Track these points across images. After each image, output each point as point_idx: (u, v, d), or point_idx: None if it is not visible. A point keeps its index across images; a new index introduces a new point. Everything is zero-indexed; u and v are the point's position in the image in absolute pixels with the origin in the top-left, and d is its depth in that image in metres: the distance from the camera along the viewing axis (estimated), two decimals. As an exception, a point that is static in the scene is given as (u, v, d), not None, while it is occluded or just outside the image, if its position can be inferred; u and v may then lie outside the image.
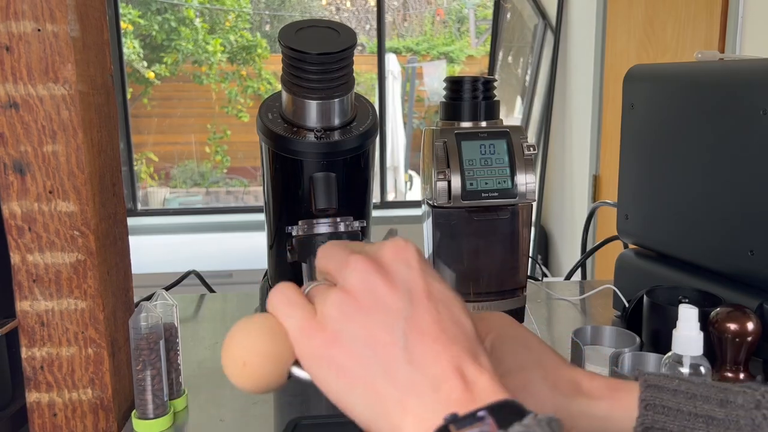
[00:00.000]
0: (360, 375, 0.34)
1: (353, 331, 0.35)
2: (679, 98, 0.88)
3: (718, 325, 0.69)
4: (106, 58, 0.71)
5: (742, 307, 0.70)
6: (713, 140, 0.82)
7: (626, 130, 0.98)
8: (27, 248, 0.65)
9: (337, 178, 0.83)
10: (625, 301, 0.97)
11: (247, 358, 0.37)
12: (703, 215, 0.84)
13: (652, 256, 0.96)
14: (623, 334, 0.79)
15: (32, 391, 0.68)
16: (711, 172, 0.83)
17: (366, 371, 0.34)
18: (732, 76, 0.82)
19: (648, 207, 0.95)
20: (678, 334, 0.60)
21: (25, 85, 0.62)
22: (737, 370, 0.70)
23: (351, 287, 0.35)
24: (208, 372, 0.85)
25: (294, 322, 0.36)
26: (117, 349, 0.70)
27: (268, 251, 0.96)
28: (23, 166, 0.63)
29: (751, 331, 0.68)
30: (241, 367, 0.37)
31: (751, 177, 0.77)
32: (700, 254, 0.85)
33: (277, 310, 0.37)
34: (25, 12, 0.61)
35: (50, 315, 0.66)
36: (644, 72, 0.96)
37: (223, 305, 1.13)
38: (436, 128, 0.92)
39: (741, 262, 0.79)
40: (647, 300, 0.83)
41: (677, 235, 0.89)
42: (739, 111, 0.78)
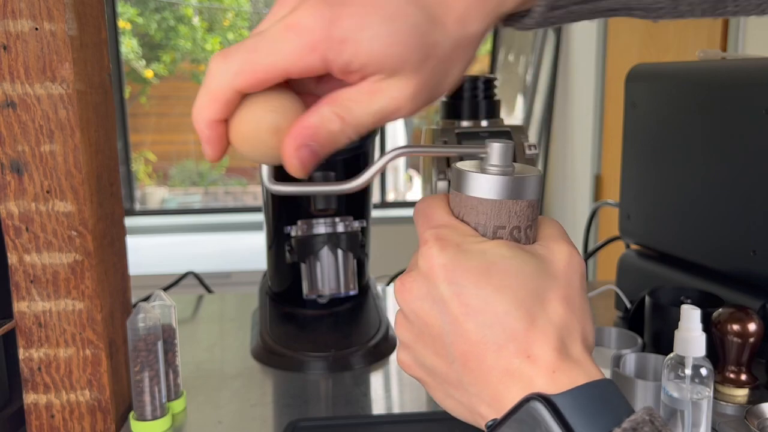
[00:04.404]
0: (434, 387, 0.37)
1: (419, 350, 0.37)
2: (682, 97, 0.88)
3: (720, 326, 0.69)
4: (103, 57, 0.70)
5: (744, 307, 0.69)
6: (715, 140, 0.81)
7: (628, 129, 0.98)
8: (24, 248, 0.64)
9: (336, 177, 0.82)
10: (627, 301, 0.96)
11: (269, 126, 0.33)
12: (706, 215, 0.84)
13: (655, 257, 0.95)
14: (625, 335, 0.79)
15: (30, 393, 0.67)
16: (713, 172, 0.82)
17: (438, 388, 0.37)
18: (734, 75, 0.81)
19: (650, 207, 0.95)
20: (680, 335, 0.59)
21: (23, 84, 0.61)
22: (740, 371, 0.69)
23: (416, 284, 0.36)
24: (206, 373, 0.84)
25: (404, 273, 0.37)
26: (115, 350, 0.70)
27: (267, 251, 0.96)
28: (20, 165, 0.63)
29: (753, 331, 0.68)
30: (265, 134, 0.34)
31: (753, 177, 0.76)
32: (703, 254, 0.85)
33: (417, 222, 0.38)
34: (23, 10, 0.60)
35: (48, 316, 0.66)
36: (646, 71, 0.96)
37: (222, 306, 1.12)
38: (437, 128, 0.91)
39: (743, 262, 0.78)
40: (649, 301, 0.82)
41: (679, 235, 0.89)
42: (742, 110, 0.78)
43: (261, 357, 0.88)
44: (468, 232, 0.36)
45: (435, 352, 0.36)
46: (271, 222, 0.92)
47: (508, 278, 0.34)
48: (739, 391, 0.69)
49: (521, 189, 0.36)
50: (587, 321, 0.36)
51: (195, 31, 4.63)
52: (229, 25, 4.70)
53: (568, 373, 0.32)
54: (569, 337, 0.34)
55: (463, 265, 0.34)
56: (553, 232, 0.38)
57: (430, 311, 0.35)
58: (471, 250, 0.35)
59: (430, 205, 0.38)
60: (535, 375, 0.32)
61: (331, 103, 0.33)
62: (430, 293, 0.35)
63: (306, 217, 0.85)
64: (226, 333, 0.99)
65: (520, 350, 0.33)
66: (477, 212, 0.37)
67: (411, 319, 0.36)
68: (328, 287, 0.86)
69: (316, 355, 0.85)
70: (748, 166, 0.77)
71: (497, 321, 0.33)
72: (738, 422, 0.66)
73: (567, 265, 0.36)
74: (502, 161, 0.37)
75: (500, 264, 0.34)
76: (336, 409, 0.76)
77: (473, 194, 0.37)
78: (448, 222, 0.37)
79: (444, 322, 0.34)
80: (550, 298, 0.34)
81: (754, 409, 0.64)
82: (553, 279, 0.35)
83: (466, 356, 0.34)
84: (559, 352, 0.33)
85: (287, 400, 0.79)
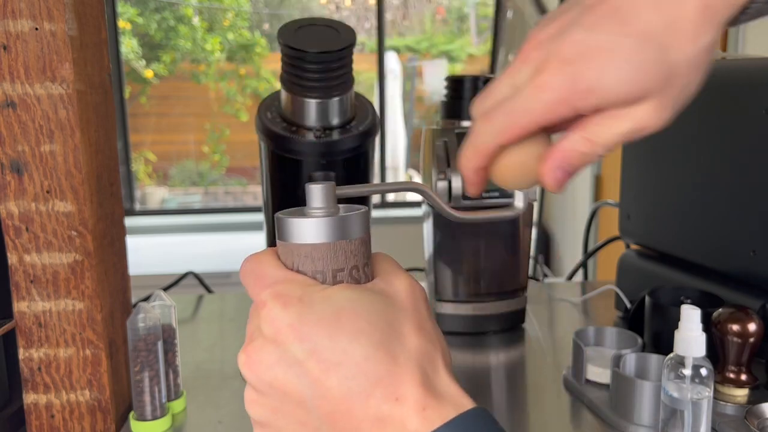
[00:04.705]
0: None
1: (280, 425, 0.34)
2: (681, 97, 0.88)
3: (720, 326, 0.69)
4: (104, 57, 0.70)
5: (744, 307, 0.69)
6: (715, 140, 0.81)
7: (627, 129, 0.98)
8: (24, 248, 0.64)
9: (336, 177, 0.82)
10: (627, 301, 0.96)
11: None
12: (706, 215, 0.84)
13: (655, 257, 0.96)
14: (625, 335, 0.79)
15: (30, 393, 0.67)
16: (713, 172, 0.82)
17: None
18: (734, 75, 0.81)
19: (650, 207, 0.95)
20: (680, 335, 0.59)
21: (23, 84, 0.61)
22: (739, 371, 0.69)
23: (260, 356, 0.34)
24: (206, 373, 0.84)
25: (246, 343, 0.35)
26: (115, 350, 0.70)
27: (267, 251, 0.96)
28: (20, 165, 0.63)
29: (753, 332, 0.68)
30: None
31: (753, 177, 0.76)
32: (703, 254, 0.85)
33: (245, 282, 0.37)
34: (23, 10, 0.60)
35: (48, 316, 0.66)
36: (646, 71, 0.96)
37: (222, 306, 1.13)
38: (437, 128, 0.91)
39: (743, 262, 0.78)
40: (649, 301, 0.82)
41: (679, 235, 0.89)
42: (742, 110, 0.78)
43: (261, 357, 0.88)
44: (307, 282, 0.35)
45: (298, 421, 0.33)
46: (271, 222, 0.91)
47: (359, 321, 0.32)
48: (739, 391, 0.69)
49: (352, 226, 0.36)
50: (442, 343, 0.35)
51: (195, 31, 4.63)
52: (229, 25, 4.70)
53: (438, 410, 0.31)
54: (431, 367, 0.33)
55: (311, 318, 0.32)
56: (388, 267, 0.38)
57: (286, 377, 0.33)
58: (315, 301, 0.33)
59: (259, 263, 0.36)
60: (406, 417, 0.31)
61: (580, 130, 0.36)
62: (282, 358, 0.33)
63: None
64: (226, 333, 0.99)
65: (388, 394, 0.31)
66: (313, 259, 0.35)
67: (265, 392, 0.34)
68: (328, 287, 0.86)
69: (316, 355, 0.85)
70: (748, 166, 0.77)
71: (359, 370, 0.32)
72: (738, 422, 0.66)
73: (410, 294, 0.36)
74: (324, 203, 0.36)
75: (348, 308, 0.33)
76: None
77: (305, 241, 0.35)
78: (284, 276, 0.35)
79: (303, 385, 0.32)
80: (404, 331, 0.33)
81: (754, 409, 0.64)
82: (402, 311, 0.34)
83: (333, 416, 0.32)
84: (425, 388, 0.32)
85: (287, 400, 0.79)
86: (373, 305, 0.34)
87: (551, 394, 0.78)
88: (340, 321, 0.32)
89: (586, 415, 0.73)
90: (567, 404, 0.76)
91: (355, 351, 0.32)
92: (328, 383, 0.32)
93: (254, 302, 0.36)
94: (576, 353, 0.77)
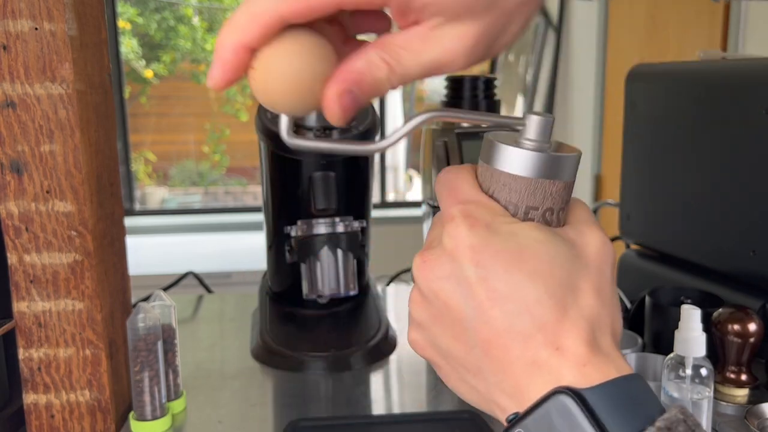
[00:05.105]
0: (447, 370, 0.35)
1: (435, 331, 0.34)
2: (682, 97, 0.88)
3: (720, 326, 0.69)
4: (103, 57, 0.70)
5: (744, 307, 0.69)
6: (715, 140, 0.81)
7: (628, 129, 0.98)
8: (24, 248, 0.64)
9: (336, 177, 0.82)
10: (627, 301, 0.96)
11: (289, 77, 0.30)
12: (706, 215, 0.84)
13: (655, 257, 0.95)
14: (625, 335, 0.79)
15: (30, 393, 0.67)
16: (713, 172, 0.82)
17: (452, 372, 0.35)
18: (734, 75, 0.81)
19: (650, 207, 0.94)
20: (680, 335, 0.59)
21: (23, 84, 0.61)
22: (740, 371, 0.69)
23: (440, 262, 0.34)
24: (206, 373, 0.84)
25: (424, 248, 0.35)
26: (115, 350, 0.70)
27: (267, 251, 0.96)
28: (20, 165, 0.63)
29: (753, 332, 0.68)
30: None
31: (753, 177, 0.76)
32: (703, 254, 0.85)
33: (439, 196, 0.36)
34: (23, 10, 0.60)
35: (48, 316, 0.66)
36: (647, 71, 0.96)
37: (222, 306, 1.12)
38: (437, 128, 0.91)
39: (743, 262, 0.78)
40: (649, 301, 0.82)
41: (679, 235, 0.89)
42: (742, 110, 0.77)
43: (261, 357, 0.88)
44: (498, 210, 0.34)
45: (453, 335, 0.33)
46: (271, 222, 0.92)
47: (540, 264, 0.32)
48: (739, 391, 0.69)
49: (559, 168, 0.33)
50: (616, 313, 0.34)
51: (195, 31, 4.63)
52: (229, 25, 4.69)
53: (599, 367, 0.30)
54: (600, 330, 0.32)
55: (493, 247, 0.32)
56: (585, 217, 0.36)
57: (453, 293, 0.33)
58: (501, 232, 0.32)
59: (457, 177, 0.35)
60: (563, 368, 0.30)
61: (380, 48, 0.31)
62: (454, 274, 0.33)
63: (306, 217, 0.85)
64: (226, 333, 0.99)
65: (549, 341, 0.31)
66: (509, 190, 0.34)
67: (429, 298, 0.34)
68: (328, 287, 0.86)
69: (315, 355, 0.85)
70: (748, 166, 0.77)
71: (526, 309, 0.31)
72: (738, 422, 0.66)
73: (599, 252, 0.34)
74: (540, 136, 0.33)
75: (532, 248, 0.32)
76: (336, 409, 0.76)
77: (507, 170, 0.33)
78: (477, 198, 0.34)
79: (467, 306, 0.32)
80: (583, 287, 0.32)
81: (754, 409, 0.64)
82: (585, 267, 0.33)
83: (489, 343, 0.32)
84: (590, 346, 0.31)
85: (287, 400, 0.79)
86: (557, 252, 0.32)
87: (551, 394, 0.78)
88: (520, 258, 0.32)
89: (586, 415, 0.73)
90: (567, 404, 0.76)
91: (528, 291, 0.31)
92: (492, 312, 0.31)
93: (442, 212, 0.35)
94: (576, 353, 0.77)
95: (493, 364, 0.32)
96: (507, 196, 0.34)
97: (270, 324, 0.92)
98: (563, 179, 0.34)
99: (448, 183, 0.35)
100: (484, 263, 0.32)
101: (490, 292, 0.31)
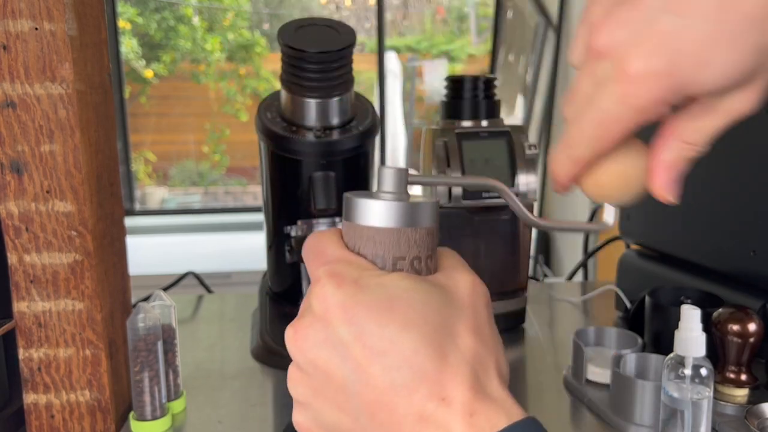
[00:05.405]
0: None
1: (319, 407, 0.33)
2: (681, 97, 0.88)
3: (720, 326, 0.69)
4: (103, 57, 0.70)
5: (744, 307, 0.69)
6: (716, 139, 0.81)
7: (627, 129, 0.98)
8: (24, 248, 0.64)
9: (336, 177, 0.82)
10: (627, 301, 0.96)
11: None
12: (706, 215, 0.84)
13: (655, 257, 0.95)
14: (625, 335, 0.79)
15: (30, 393, 0.67)
16: (713, 172, 0.82)
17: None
18: (734, 75, 0.81)
19: (650, 207, 0.95)
20: (680, 335, 0.59)
21: (23, 84, 0.61)
22: (739, 371, 0.69)
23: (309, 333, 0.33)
24: (206, 373, 0.84)
25: (296, 318, 0.34)
26: (115, 350, 0.70)
27: (267, 251, 0.96)
28: (20, 165, 0.63)
29: (753, 332, 0.68)
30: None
31: (753, 177, 0.76)
32: (703, 254, 0.85)
33: (306, 259, 0.36)
34: (23, 10, 0.60)
35: (48, 316, 0.66)
36: (646, 71, 0.96)
37: (222, 306, 1.12)
38: (437, 128, 0.91)
39: (743, 262, 0.78)
40: (649, 301, 0.82)
41: (679, 235, 0.89)
42: (742, 110, 0.77)
43: (261, 357, 0.88)
44: (365, 265, 0.34)
45: (338, 406, 0.32)
46: (271, 222, 0.91)
47: (412, 312, 0.31)
48: (739, 391, 0.69)
49: (420, 215, 0.34)
50: (499, 352, 0.33)
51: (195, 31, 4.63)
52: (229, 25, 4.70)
53: (488, 416, 0.30)
54: (483, 372, 0.31)
55: (363, 302, 0.31)
56: (453, 262, 0.36)
57: (330, 359, 0.32)
58: (370, 285, 0.32)
59: (321, 241, 0.36)
60: (451, 420, 0.29)
61: (676, 136, 0.34)
62: (329, 338, 0.32)
63: (306, 217, 0.85)
64: (226, 333, 0.99)
65: (433, 393, 0.30)
66: (374, 243, 0.34)
67: (308, 371, 0.33)
68: (328, 287, 0.86)
69: (316, 355, 0.85)
70: (748, 165, 0.77)
71: (405, 362, 0.30)
72: (738, 422, 0.66)
73: (471, 293, 0.34)
74: (396, 187, 0.35)
75: (403, 297, 0.31)
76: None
77: (370, 223, 0.34)
78: (343, 256, 0.34)
79: (346, 369, 0.31)
80: (459, 330, 0.32)
81: (754, 409, 0.64)
82: (460, 309, 0.33)
83: (373, 407, 0.30)
84: (475, 391, 0.30)
85: (287, 400, 0.79)
86: (429, 298, 0.32)
87: (551, 394, 0.78)
88: (392, 309, 0.31)
89: (586, 416, 0.73)
90: (567, 404, 0.76)
91: (404, 342, 0.30)
92: (371, 370, 0.30)
93: (311, 279, 0.35)
94: (576, 353, 0.77)
95: (381, 430, 0.31)
96: (373, 250, 0.34)
97: (270, 324, 0.92)
98: (425, 225, 0.35)
99: (313, 247, 0.36)
100: (356, 320, 0.31)
101: (367, 350, 0.31)
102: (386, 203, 0.34)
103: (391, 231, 0.34)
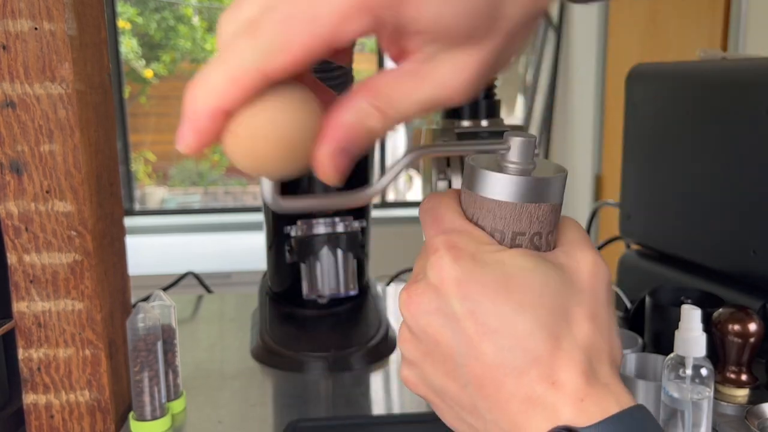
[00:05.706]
0: (443, 408, 0.34)
1: (427, 369, 0.33)
2: (682, 97, 0.88)
3: (720, 326, 0.69)
4: (103, 57, 0.70)
5: (744, 307, 0.69)
6: (716, 139, 0.81)
7: (629, 129, 0.98)
8: (24, 248, 0.64)
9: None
10: (628, 301, 0.96)
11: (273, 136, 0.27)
12: (706, 215, 0.84)
13: (655, 257, 0.95)
14: (626, 335, 0.79)
15: (29, 393, 0.67)
16: (714, 172, 0.82)
17: (448, 410, 0.33)
18: (735, 74, 0.81)
19: (651, 207, 0.94)
20: (680, 335, 0.59)
21: (22, 84, 0.61)
22: (740, 371, 0.69)
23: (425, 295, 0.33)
24: (206, 373, 0.84)
25: (410, 281, 0.34)
26: (114, 350, 0.70)
27: (267, 251, 0.96)
28: (20, 165, 0.63)
29: (753, 332, 0.68)
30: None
31: (753, 177, 0.76)
32: (703, 254, 0.85)
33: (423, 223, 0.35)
34: (22, 10, 0.60)
35: (47, 316, 0.66)
36: (647, 71, 0.96)
37: (222, 306, 1.12)
38: (437, 127, 0.91)
39: (744, 262, 0.78)
40: (650, 301, 0.82)
41: (680, 235, 0.89)
42: (743, 110, 0.77)
43: (261, 357, 0.88)
44: (484, 239, 0.32)
45: (445, 372, 0.32)
46: (271, 222, 0.91)
47: (529, 294, 0.30)
48: (739, 391, 0.69)
49: (544, 191, 0.32)
50: (614, 338, 0.32)
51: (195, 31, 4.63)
52: (229, 25, 4.68)
53: (598, 401, 0.29)
54: (597, 359, 0.30)
55: (480, 279, 0.31)
56: (576, 237, 0.34)
57: (441, 328, 0.31)
58: (488, 262, 0.31)
59: (439, 205, 0.34)
60: (560, 404, 0.29)
61: (369, 94, 0.28)
62: (441, 309, 0.31)
63: (306, 217, 0.85)
64: (226, 333, 0.99)
65: (544, 376, 0.29)
66: (494, 216, 0.32)
67: (418, 335, 0.33)
68: (327, 287, 0.86)
69: (315, 356, 0.85)
70: (749, 165, 0.77)
71: (518, 343, 0.30)
72: (738, 422, 0.66)
73: (593, 275, 0.32)
74: (523, 158, 0.32)
75: (520, 277, 0.30)
76: (336, 410, 0.76)
77: (490, 196, 0.32)
78: (461, 227, 0.33)
79: (457, 341, 0.31)
80: (576, 315, 0.31)
81: (754, 409, 0.64)
82: (579, 293, 0.32)
83: (482, 380, 0.30)
84: (587, 377, 0.29)
85: (287, 400, 0.79)
86: (547, 280, 0.31)
87: (551, 394, 0.78)
88: (508, 289, 0.30)
89: (587, 415, 0.72)
90: (567, 404, 0.75)
91: (517, 324, 0.30)
92: (482, 347, 0.30)
93: (426, 242, 0.34)
94: (576, 353, 0.77)
95: (487, 402, 0.31)
96: (492, 223, 0.33)
97: (270, 324, 0.92)
98: (549, 201, 0.33)
99: (432, 211, 0.34)
100: (471, 296, 0.30)
101: (479, 327, 0.30)
102: (510, 178, 0.32)
103: (513, 206, 0.32)
